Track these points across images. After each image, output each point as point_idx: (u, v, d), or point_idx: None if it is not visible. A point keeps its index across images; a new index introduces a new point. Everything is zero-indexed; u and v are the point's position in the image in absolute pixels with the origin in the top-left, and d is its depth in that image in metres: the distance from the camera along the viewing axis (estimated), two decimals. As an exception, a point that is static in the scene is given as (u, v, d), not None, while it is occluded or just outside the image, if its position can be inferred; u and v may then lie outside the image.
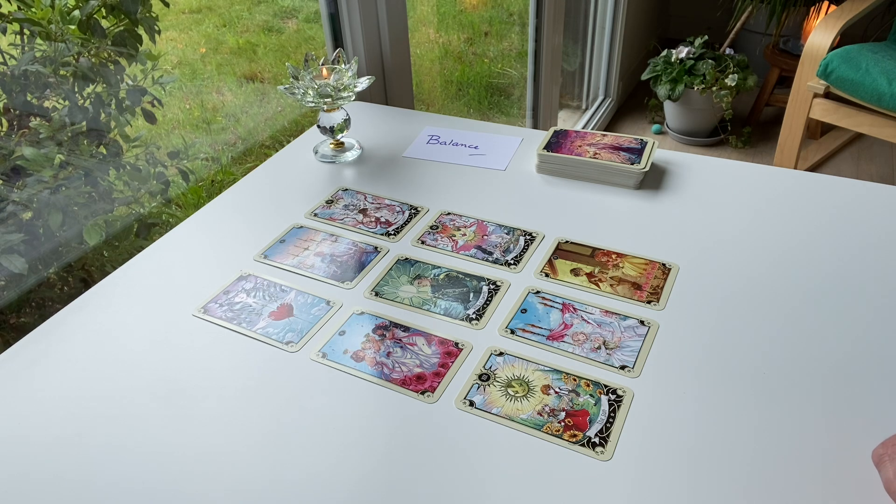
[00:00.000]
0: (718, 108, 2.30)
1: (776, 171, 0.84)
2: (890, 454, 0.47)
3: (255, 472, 0.51)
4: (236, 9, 1.72)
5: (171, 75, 1.14)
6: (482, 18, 2.53)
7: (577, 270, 0.69)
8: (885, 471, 0.47)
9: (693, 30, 2.58)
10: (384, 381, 0.58)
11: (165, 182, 1.08)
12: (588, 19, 2.36)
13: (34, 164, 0.87)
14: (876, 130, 1.81)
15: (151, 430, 0.54)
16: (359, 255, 0.73)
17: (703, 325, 0.62)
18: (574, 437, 0.52)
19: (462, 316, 0.64)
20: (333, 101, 0.85)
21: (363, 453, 0.52)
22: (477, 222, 0.77)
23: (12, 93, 0.91)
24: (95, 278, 0.91)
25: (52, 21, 0.90)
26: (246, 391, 0.57)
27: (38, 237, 0.92)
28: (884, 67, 1.76)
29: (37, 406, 0.57)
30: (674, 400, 0.55)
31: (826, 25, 1.87)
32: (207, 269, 0.72)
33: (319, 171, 0.88)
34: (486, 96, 2.35)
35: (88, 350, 0.62)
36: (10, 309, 0.96)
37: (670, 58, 2.31)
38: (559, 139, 0.87)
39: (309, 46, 1.75)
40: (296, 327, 0.64)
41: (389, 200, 0.82)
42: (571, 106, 2.56)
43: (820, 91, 1.87)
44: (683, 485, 0.48)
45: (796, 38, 2.44)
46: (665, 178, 0.83)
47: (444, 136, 0.95)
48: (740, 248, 0.71)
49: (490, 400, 0.55)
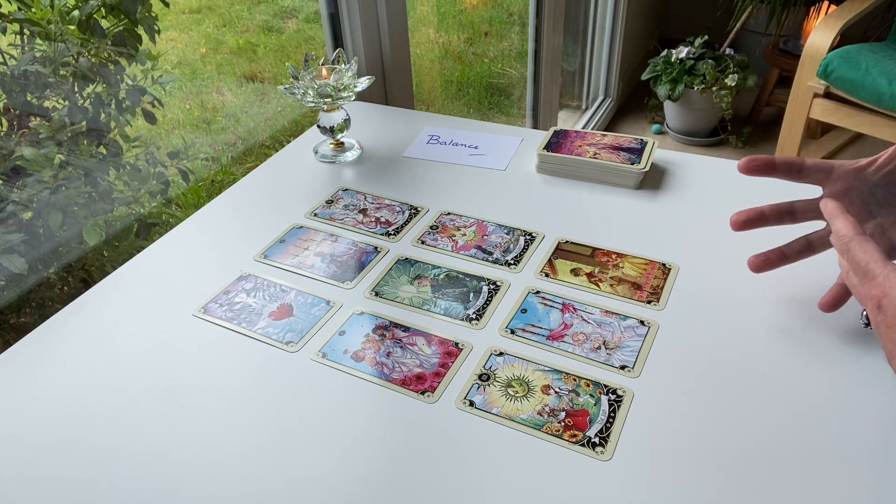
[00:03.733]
0: (718, 108, 2.31)
1: (776, 171, 0.84)
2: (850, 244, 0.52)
3: (255, 471, 0.51)
4: (236, 9, 1.72)
5: (171, 75, 1.14)
6: (482, 18, 2.53)
7: (577, 270, 0.69)
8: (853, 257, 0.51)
9: (693, 30, 2.58)
10: (384, 381, 0.58)
11: (165, 182, 1.08)
12: (588, 19, 2.36)
13: (34, 164, 0.87)
14: (876, 130, 1.81)
15: (151, 431, 0.54)
16: (359, 255, 0.73)
17: (703, 325, 0.62)
18: (574, 437, 0.52)
19: (462, 316, 0.64)
20: (333, 101, 0.85)
21: (363, 453, 0.52)
22: (477, 222, 0.77)
23: (12, 93, 0.91)
24: (95, 278, 0.91)
25: (52, 21, 0.90)
26: (246, 391, 0.57)
27: (38, 237, 0.92)
28: (884, 67, 1.76)
29: (37, 406, 0.57)
30: (674, 400, 0.55)
31: (826, 25, 1.87)
32: (207, 269, 0.72)
33: (319, 171, 0.88)
34: (486, 96, 2.35)
35: (88, 350, 0.62)
36: (10, 309, 0.96)
37: (670, 58, 2.31)
38: (559, 139, 0.87)
39: (309, 46, 1.75)
40: (296, 327, 0.64)
41: (389, 200, 0.82)
42: (571, 106, 2.56)
43: (820, 91, 1.87)
44: (683, 485, 0.48)
45: (796, 38, 2.44)
46: (665, 178, 0.83)
47: (444, 136, 0.95)
48: (740, 248, 0.71)
49: (490, 400, 0.55)
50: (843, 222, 0.54)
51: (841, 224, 0.54)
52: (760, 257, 0.63)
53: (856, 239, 0.51)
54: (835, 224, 0.54)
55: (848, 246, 0.52)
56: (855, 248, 0.51)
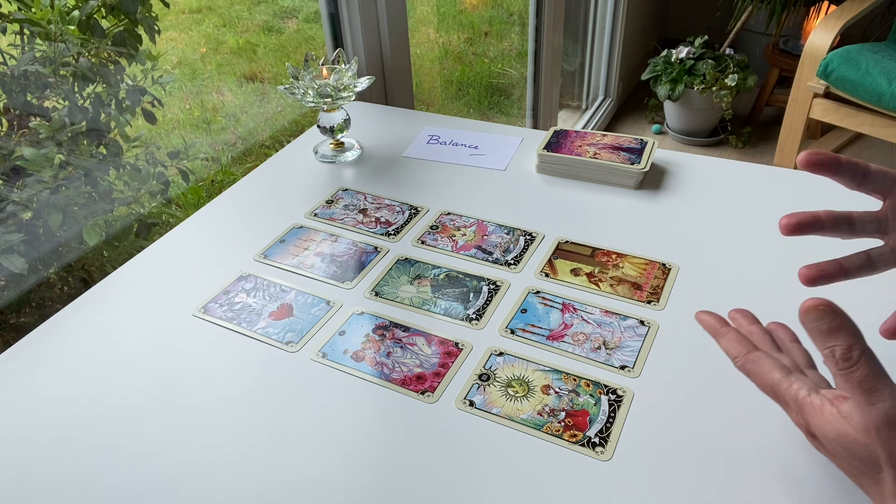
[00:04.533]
0: (718, 108, 2.31)
1: (776, 171, 0.84)
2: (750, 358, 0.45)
3: (255, 471, 0.51)
4: (236, 9, 1.72)
5: (171, 75, 1.14)
6: (482, 18, 2.53)
7: (577, 270, 0.69)
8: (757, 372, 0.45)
9: (693, 30, 2.58)
10: (384, 381, 0.58)
11: (165, 182, 1.08)
12: (588, 19, 2.36)
13: (34, 165, 0.87)
14: (876, 130, 1.81)
15: (151, 431, 0.54)
16: (359, 255, 0.73)
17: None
18: (574, 437, 0.52)
19: (462, 316, 0.64)
20: (333, 101, 0.85)
21: (363, 453, 0.52)
22: (477, 222, 0.77)
23: (12, 93, 0.91)
24: (95, 278, 0.91)
25: (52, 21, 0.90)
26: (246, 391, 0.57)
27: (38, 237, 0.92)
28: (884, 67, 1.76)
29: (37, 406, 0.57)
30: (674, 400, 0.55)
31: (826, 25, 1.87)
32: (207, 269, 0.72)
33: (319, 171, 0.88)
34: (486, 96, 2.35)
35: (88, 350, 0.62)
36: (10, 309, 0.96)
37: (670, 58, 2.31)
38: (559, 139, 0.87)
39: (309, 46, 1.75)
40: (296, 327, 0.64)
41: (389, 200, 0.82)
42: (571, 106, 2.56)
43: (820, 91, 1.87)
44: (683, 485, 0.48)
45: (796, 38, 2.44)
46: (665, 178, 0.83)
47: (444, 136, 0.95)
48: (740, 248, 0.71)
49: (490, 400, 0.55)
50: (726, 342, 0.47)
51: (725, 344, 0.47)
52: (814, 269, 0.52)
53: (748, 358, 0.45)
54: (720, 343, 0.48)
55: (744, 369, 0.45)
56: (751, 370, 0.45)
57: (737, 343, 0.46)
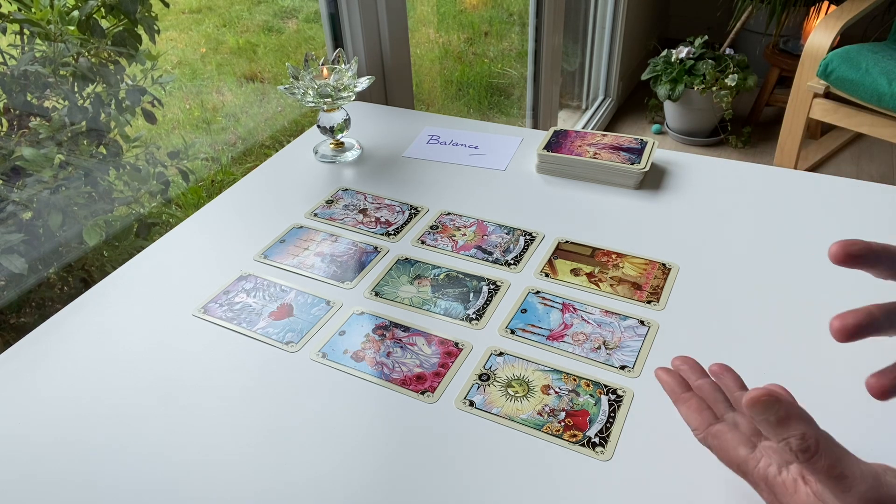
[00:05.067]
0: (718, 108, 2.30)
1: (776, 171, 0.84)
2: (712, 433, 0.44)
3: (255, 471, 0.51)
4: (236, 9, 1.72)
5: (171, 75, 1.14)
6: (482, 18, 2.53)
7: (577, 270, 0.69)
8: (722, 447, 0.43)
9: (693, 30, 2.58)
10: (384, 381, 0.58)
11: (165, 182, 1.08)
12: (588, 19, 2.36)
13: (34, 165, 0.87)
14: (876, 130, 1.81)
15: (151, 430, 0.54)
16: (359, 255, 0.73)
17: (703, 325, 0.62)
18: (574, 437, 0.52)
19: (462, 316, 0.64)
20: (333, 101, 0.85)
21: (363, 453, 0.52)
22: (477, 222, 0.77)
23: (12, 93, 0.91)
24: (95, 278, 0.91)
25: (52, 21, 0.90)
26: (246, 391, 0.57)
27: (38, 237, 0.92)
28: (884, 67, 1.76)
29: (37, 406, 0.57)
30: (674, 400, 0.55)
31: (826, 25, 1.87)
32: (207, 269, 0.72)
33: (319, 171, 0.88)
34: (486, 96, 2.35)
35: (88, 350, 0.62)
36: (10, 309, 0.96)
37: (670, 58, 2.31)
38: (559, 139, 0.87)
39: (309, 46, 1.75)
40: (296, 327, 0.64)
41: (389, 200, 0.82)
42: (571, 106, 2.56)
43: (820, 91, 1.87)
44: (683, 485, 0.48)
45: (796, 38, 2.44)
46: (665, 178, 0.83)
47: (444, 136, 0.95)
48: (740, 248, 0.71)
49: (490, 400, 0.55)
50: (686, 410, 0.46)
51: (685, 412, 0.46)
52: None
53: (710, 433, 0.44)
54: (679, 410, 0.47)
55: (707, 443, 0.44)
56: (713, 446, 0.44)
57: (696, 413, 0.45)
